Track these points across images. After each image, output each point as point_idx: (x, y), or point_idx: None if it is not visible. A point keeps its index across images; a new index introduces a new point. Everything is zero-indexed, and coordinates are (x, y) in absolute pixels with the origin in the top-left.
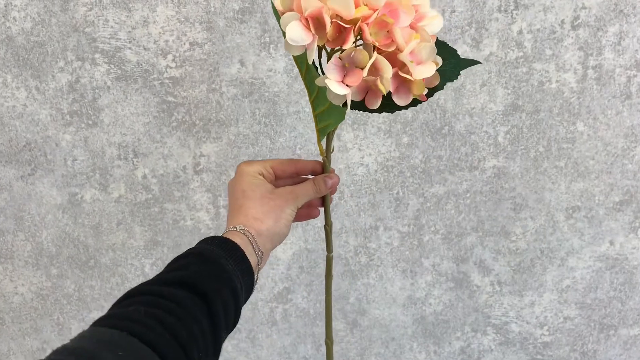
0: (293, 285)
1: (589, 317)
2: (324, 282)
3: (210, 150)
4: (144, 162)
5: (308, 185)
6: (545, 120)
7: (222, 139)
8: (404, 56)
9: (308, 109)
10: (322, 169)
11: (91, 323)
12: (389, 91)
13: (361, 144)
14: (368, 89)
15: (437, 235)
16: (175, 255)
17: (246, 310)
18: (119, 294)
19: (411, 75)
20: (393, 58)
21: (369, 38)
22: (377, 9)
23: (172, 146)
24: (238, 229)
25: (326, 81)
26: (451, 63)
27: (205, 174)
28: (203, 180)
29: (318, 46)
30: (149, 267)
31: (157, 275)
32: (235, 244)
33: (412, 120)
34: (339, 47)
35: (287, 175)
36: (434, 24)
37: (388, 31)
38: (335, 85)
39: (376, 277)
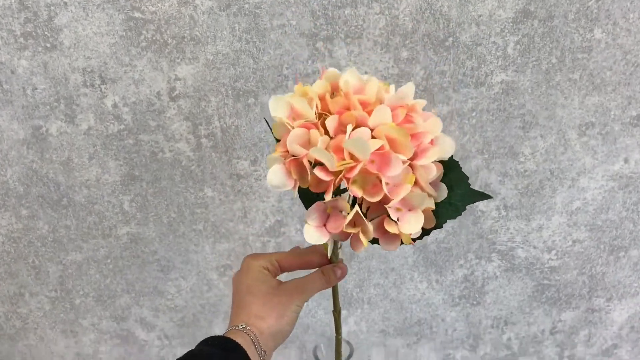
0: (285, 218)
1: (598, 239)
2: None
3: (186, 72)
4: (113, 88)
5: (316, 276)
6: (559, 28)
7: (199, 59)
8: (390, 210)
9: (295, 21)
10: (329, 260)
11: (69, 266)
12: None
13: (356, 60)
14: (350, 235)
15: None
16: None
17: (236, 245)
18: (97, 233)
19: (397, 229)
20: (381, 205)
21: (355, 191)
22: (361, 161)
23: (143, 70)
24: (240, 327)
25: (305, 227)
26: (457, 195)
27: (182, 100)
28: (180, 107)
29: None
30: (128, 204)
31: None
32: (237, 344)
33: (412, 32)
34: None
35: (293, 269)
36: (442, 151)
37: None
38: (312, 231)
39: None
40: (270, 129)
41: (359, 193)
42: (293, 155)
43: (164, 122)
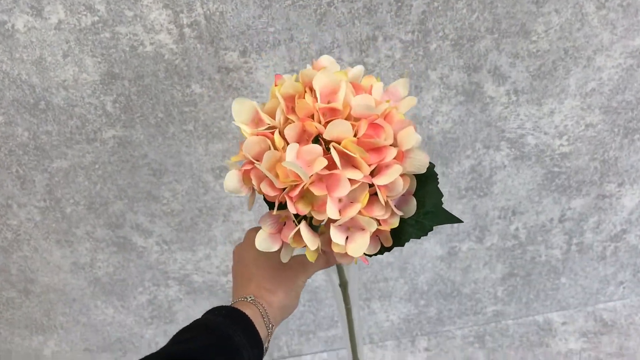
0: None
1: (613, 122)
2: None
3: None
4: None
5: (319, 256)
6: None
7: None
8: (333, 229)
9: None
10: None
11: (55, 173)
12: None
13: None
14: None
15: (445, 41)
16: None
17: (231, 145)
18: (81, 138)
19: (343, 249)
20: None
21: (300, 209)
22: (302, 183)
23: None
24: (249, 299)
25: (258, 233)
26: (428, 214)
27: None
28: None
29: None
30: (111, 106)
31: (163, 349)
32: (245, 315)
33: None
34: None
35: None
36: (411, 166)
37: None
38: (264, 238)
39: None
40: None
41: (304, 210)
42: (249, 162)
43: (141, 11)
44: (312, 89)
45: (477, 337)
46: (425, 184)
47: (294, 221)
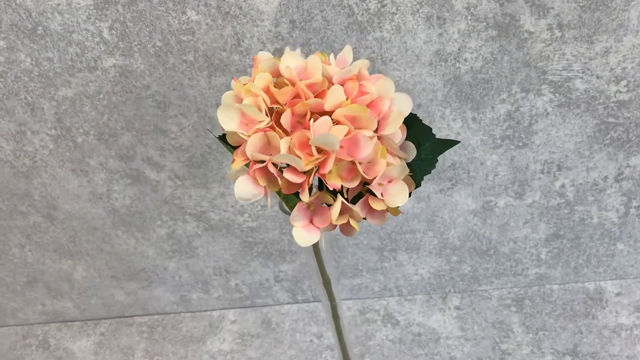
0: (286, 46)
1: None
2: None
3: None
4: None
5: None
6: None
7: None
8: (373, 188)
9: None
10: None
11: (62, 102)
12: None
13: None
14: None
15: None
16: None
17: None
18: (82, 66)
19: (384, 205)
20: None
21: (333, 184)
22: (331, 154)
23: None
24: None
25: (293, 230)
26: (427, 149)
27: None
28: None
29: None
30: (107, 32)
31: None
32: None
33: None
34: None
35: None
36: (402, 110)
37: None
38: (302, 233)
39: (392, 28)
40: (219, 139)
41: (338, 184)
42: (256, 162)
43: None
44: (279, 74)
45: (515, 300)
46: (411, 127)
47: (322, 204)
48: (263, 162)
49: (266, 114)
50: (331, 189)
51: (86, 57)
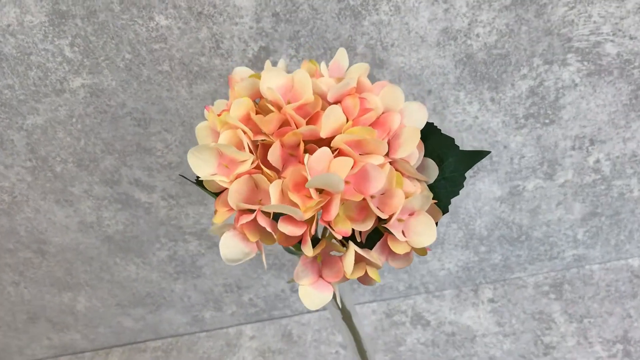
0: (272, 42)
1: None
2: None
3: None
4: None
5: None
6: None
7: None
8: (392, 228)
9: None
10: None
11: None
12: None
13: None
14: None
15: None
16: None
17: (218, 85)
18: (47, 90)
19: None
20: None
21: (342, 230)
22: (335, 195)
23: None
24: None
25: (300, 290)
26: (450, 165)
27: None
28: None
29: None
30: (69, 50)
31: None
32: None
33: None
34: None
35: None
36: (416, 124)
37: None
38: (311, 292)
39: (390, 9)
40: (197, 185)
41: (348, 230)
42: (244, 213)
43: None
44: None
45: (553, 286)
46: (429, 139)
47: (330, 252)
48: (252, 210)
49: (250, 151)
50: (340, 237)
51: (50, 80)
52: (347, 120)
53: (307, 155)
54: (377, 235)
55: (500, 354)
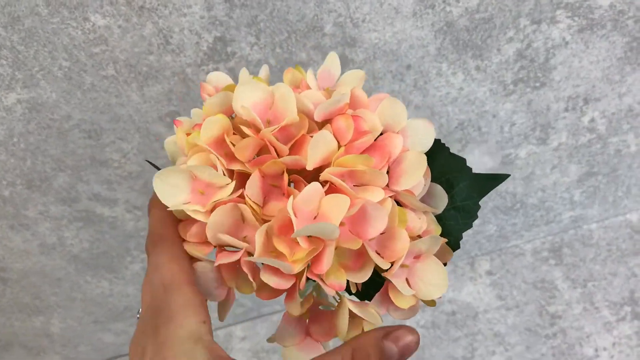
0: (228, 31)
1: None
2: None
3: None
4: None
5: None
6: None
7: None
8: (394, 279)
9: None
10: None
11: None
12: None
13: None
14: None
15: None
16: None
17: (173, 84)
18: None
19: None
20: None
21: (335, 284)
22: (328, 244)
23: None
24: None
25: (282, 352)
26: (462, 191)
27: None
28: None
29: None
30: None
31: None
32: None
33: None
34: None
35: None
36: (421, 146)
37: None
38: (298, 355)
39: None
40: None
41: (342, 282)
42: (223, 250)
43: None
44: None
45: (552, 251)
46: (435, 158)
47: (321, 307)
48: (233, 247)
49: (225, 174)
50: (332, 293)
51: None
52: (339, 146)
53: (291, 197)
54: (375, 277)
55: (505, 329)
